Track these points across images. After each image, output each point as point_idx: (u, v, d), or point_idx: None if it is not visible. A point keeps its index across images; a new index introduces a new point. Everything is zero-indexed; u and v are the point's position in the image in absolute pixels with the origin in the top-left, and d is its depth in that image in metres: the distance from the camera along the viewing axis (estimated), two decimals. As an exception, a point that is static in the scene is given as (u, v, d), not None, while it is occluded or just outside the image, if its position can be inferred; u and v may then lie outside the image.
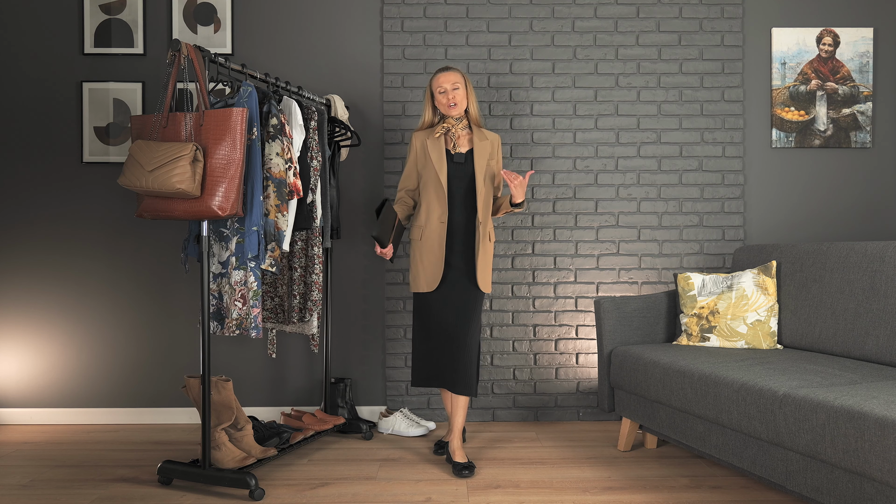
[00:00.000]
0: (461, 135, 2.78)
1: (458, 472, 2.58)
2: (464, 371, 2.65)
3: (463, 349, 2.66)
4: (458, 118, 2.75)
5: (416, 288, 2.74)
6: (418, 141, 2.79)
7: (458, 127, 2.75)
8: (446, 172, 2.72)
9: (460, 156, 2.74)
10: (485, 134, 2.79)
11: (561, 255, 3.42)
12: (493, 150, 2.79)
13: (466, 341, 2.67)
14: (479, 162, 2.72)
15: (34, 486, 2.49)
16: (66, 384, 3.41)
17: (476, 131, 2.78)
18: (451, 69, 2.74)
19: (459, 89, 2.71)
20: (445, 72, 2.72)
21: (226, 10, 3.39)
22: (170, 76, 2.36)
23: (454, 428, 2.71)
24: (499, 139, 2.83)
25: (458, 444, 2.69)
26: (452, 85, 2.70)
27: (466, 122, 2.78)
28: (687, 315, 2.88)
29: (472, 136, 2.78)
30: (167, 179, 2.24)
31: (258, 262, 2.47)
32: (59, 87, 3.40)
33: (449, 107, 2.71)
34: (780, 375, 2.14)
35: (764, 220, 3.45)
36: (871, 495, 1.72)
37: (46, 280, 3.40)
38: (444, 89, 2.70)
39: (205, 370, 2.39)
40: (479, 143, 2.74)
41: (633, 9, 3.42)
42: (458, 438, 2.70)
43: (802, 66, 3.43)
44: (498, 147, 2.82)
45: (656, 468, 2.66)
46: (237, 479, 2.34)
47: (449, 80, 2.70)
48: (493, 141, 2.80)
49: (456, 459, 2.65)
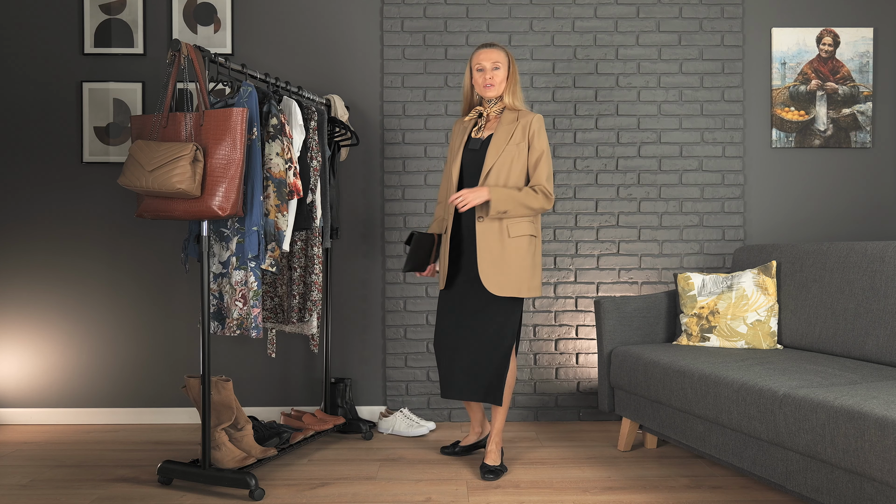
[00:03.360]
0: (492, 118, 2.54)
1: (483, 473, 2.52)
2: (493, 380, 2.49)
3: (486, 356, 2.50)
4: (492, 101, 2.51)
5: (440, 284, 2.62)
6: (456, 129, 2.63)
7: (492, 110, 2.51)
8: (459, 161, 2.52)
9: (475, 142, 2.50)
10: (516, 116, 2.50)
11: (561, 255, 3.42)
12: (523, 132, 2.47)
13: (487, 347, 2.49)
14: (494, 148, 2.44)
15: (34, 486, 2.49)
16: (66, 384, 3.41)
17: (507, 114, 2.51)
18: (496, 46, 2.48)
19: (500, 69, 2.47)
20: (488, 48, 2.47)
21: (226, 10, 3.39)
22: (170, 76, 2.36)
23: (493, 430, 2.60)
24: (536, 118, 2.49)
25: (494, 447, 2.59)
26: (493, 64, 2.46)
27: (501, 105, 2.53)
28: (687, 315, 2.88)
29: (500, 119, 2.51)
30: (167, 179, 2.24)
31: (258, 262, 2.47)
32: (59, 87, 3.40)
33: (485, 87, 2.47)
34: (780, 375, 2.14)
35: (764, 220, 3.45)
36: (871, 495, 1.72)
37: (46, 280, 3.41)
38: (482, 67, 2.47)
39: (205, 370, 2.39)
40: (501, 128, 2.47)
41: (633, 9, 3.42)
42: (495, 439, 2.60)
43: (802, 66, 3.43)
44: (533, 128, 2.47)
45: (656, 468, 2.66)
46: (237, 479, 2.34)
47: (490, 58, 2.46)
48: (525, 122, 2.47)
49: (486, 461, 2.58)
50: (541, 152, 2.48)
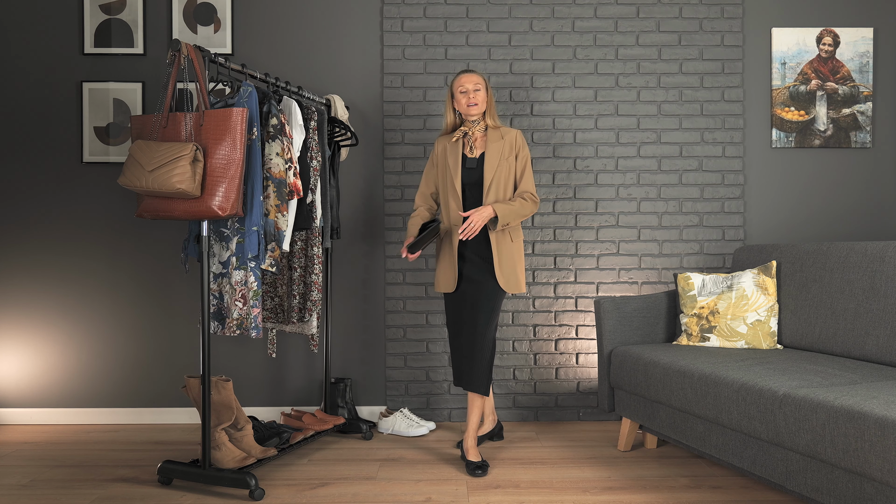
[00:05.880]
0: (478, 137, 2.80)
1: (471, 471, 2.60)
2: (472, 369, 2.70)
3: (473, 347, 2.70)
4: (475, 120, 2.77)
5: (436, 287, 2.85)
6: (440, 146, 2.85)
7: (476, 129, 2.77)
8: (461, 178, 2.76)
9: (472, 161, 2.77)
10: (501, 133, 2.78)
11: (561, 255, 3.42)
12: (510, 147, 2.76)
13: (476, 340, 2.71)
14: (489, 165, 2.72)
15: (34, 486, 2.49)
16: (66, 384, 3.41)
17: (491, 132, 2.78)
18: (474, 71, 2.77)
19: (480, 91, 2.73)
20: (468, 73, 2.75)
21: (226, 10, 3.39)
22: (170, 76, 2.36)
23: (468, 426, 2.73)
24: (517, 134, 2.79)
25: (472, 444, 2.72)
26: (474, 85, 2.72)
27: (484, 124, 2.79)
28: (687, 315, 2.88)
29: (486, 137, 2.79)
30: (167, 179, 2.24)
31: (258, 262, 2.47)
32: (59, 87, 3.40)
33: (468, 106, 2.73)
34: (780, 375, 2.14)
35: (764, 220, 3.45)
36: (871, 495, 1.72)
37: (46, 280, 3.41)
38: (465, 89, 2.73)
39: (205, 370, 2.39)
40: (491, 146, 2.75)
41: (633, 9, 3.42)
42: (472, 438, 2.72)
43: (802, 66, 3.43)
44: (518, 142, 2.78)
45: (656, 468, 2.66)
46: (237, 479, 2.34)
47: (471, 81, 2.73)
48: (510, 139, 2.77)
49: (469, 458, 2.67)
50: (525, 162, 2.79)
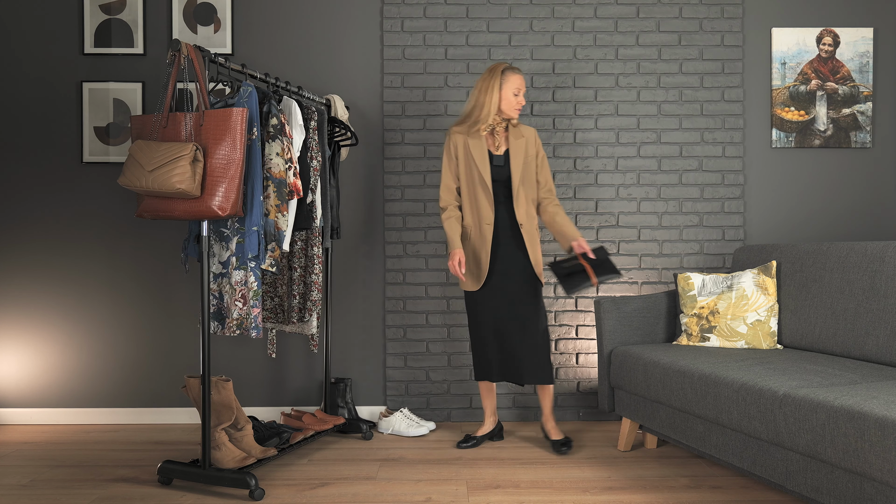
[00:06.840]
0: (502, 133, 2.85)
1: (556, 448, 2.83)
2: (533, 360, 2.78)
3: (535, 341, 2.78)
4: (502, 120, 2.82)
5: (463, 286, 2.89)
6: (459, 139, 2.84)
7: (500, 127, 2.83)
8: (490, 174, 2.78)
9: (499, 158, 2.82)
10: (521, 131, 2.85)
11: (561, 255, 3.42)
12: (530, 145, 2.84)
13: (535, 334, 2.78)
14: (516, 162, 2.78)
15: (34, 486, 2.49)
16: (66, 384, 3.41)
17: (512, 130, 2.84)
18: (521, 72, 2.82)
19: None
20: (519, 73, 2.79)
21: (226, 10, 3.39)
22: (170, 76, 2.36)
23: (544, 411, 2.94)
24: (534, 132, 2.88)
25: (552, 424, 2.93)
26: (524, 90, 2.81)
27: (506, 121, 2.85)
28: (687, 315, 2.88)
29: (508, 135, 2.85)
30: (167, 179, 2.24)
31: (258, 262, 2.47)
32: (59, 87, 3.40)
33: (517, 109, 2.79)
34: (780, 375, 2.14)
35: (764, 220, 3.45)
36: (871, 495, 1.72)
37: (46, 280, 3.41)
38: (519, 91, 2.78)
39: (205, 370, 2.39)
40: (514, 143, 2.81)
41: (633, 9, 3.42)
42: (551, 420, 2.94)
43: (802, 66, 3.43)
44: (537, 141, 2.87)
45: (656, 468, 2.67)
46: (237, 479, 2.34)
47: (523, 83, 2.80)
48: (529, 137, 2.85)
49: (552, 438, 2.90)
50: (544, 160, 2.91)
